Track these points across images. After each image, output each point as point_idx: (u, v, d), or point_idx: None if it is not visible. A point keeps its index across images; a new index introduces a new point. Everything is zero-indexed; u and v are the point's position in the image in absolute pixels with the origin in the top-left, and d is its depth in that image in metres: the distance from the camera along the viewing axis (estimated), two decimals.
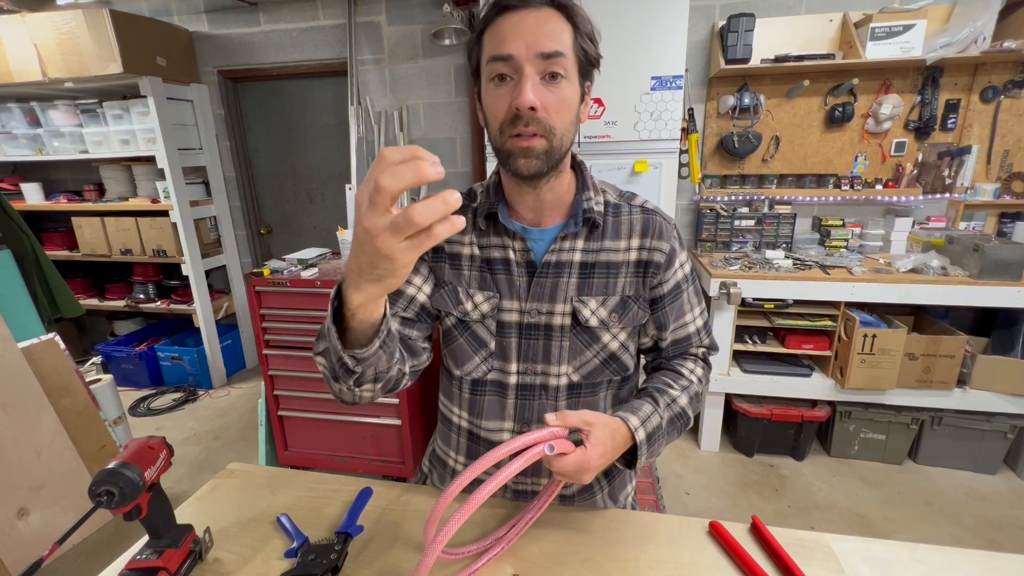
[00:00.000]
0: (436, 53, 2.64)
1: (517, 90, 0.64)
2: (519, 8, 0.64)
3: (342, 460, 2.17)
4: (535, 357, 0.78)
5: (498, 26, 0.65)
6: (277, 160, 3.13)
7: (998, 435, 2.08)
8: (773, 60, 2.17)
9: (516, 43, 0.63)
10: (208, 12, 2.83)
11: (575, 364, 0.78)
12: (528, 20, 0.64)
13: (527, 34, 0.63)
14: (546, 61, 0.64)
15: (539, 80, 0.64)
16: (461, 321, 0.80)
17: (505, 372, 0.79)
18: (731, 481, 2.15)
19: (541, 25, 0.64)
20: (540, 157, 0.66)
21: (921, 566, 0.67)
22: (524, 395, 0.80)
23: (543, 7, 0.65)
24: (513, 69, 0.64)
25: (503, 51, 0.64)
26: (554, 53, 0.63)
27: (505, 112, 0.66)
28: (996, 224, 2.29)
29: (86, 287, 3.28)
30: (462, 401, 0.84)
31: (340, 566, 0.68)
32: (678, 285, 0.79)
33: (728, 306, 2.11)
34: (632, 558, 0.70)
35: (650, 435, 0.71)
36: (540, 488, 0.83)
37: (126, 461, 0.60)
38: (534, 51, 0.63)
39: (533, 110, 0.63)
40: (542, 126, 0.65)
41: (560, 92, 0.65)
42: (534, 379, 0.79)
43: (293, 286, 1.97)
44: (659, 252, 0.76)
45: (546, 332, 0.77)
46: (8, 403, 1.65)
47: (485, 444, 0.83)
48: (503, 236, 0.77)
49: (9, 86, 2.63)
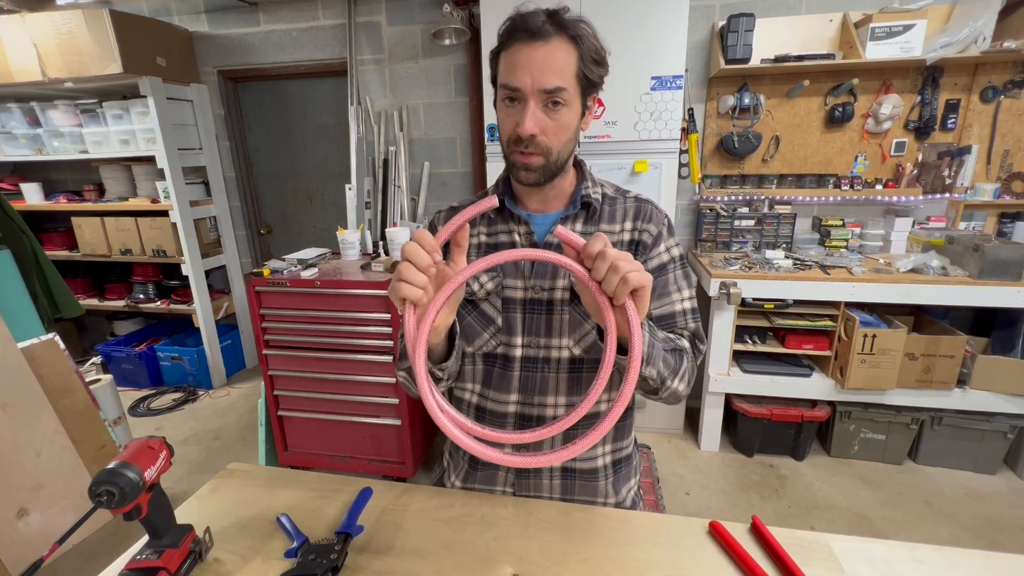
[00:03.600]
0: (436, 53, 2.64)
1: (521, 116, 0.73)
2: (531, 41, 0.71)
3: (342, 460, 2.17)
4: (538, 330, 0.84)
5: (511, 54, 0.73)
6: (277, 160, 3.13)
7: (998, 435, 2.08)
8: (773, 60, 2.17)
9: (523, 77, 0.71)
10: (208, 12, 2.83)
11: (575, 336, 0.83)
12: (536, 55, 0.71)
13: (534, 69, 0.71)
14: (547, 95, 0.72)
15: (541, 108, 0.73)
16: (469, 301, 0.86)
17: (511, 345, 0.85)
18: (731, 481, 2.16)
19: (548, 60, 0.71)
20: (538, 171, 0.77)
21: (921, 566, 0.67)
22: (528, 367, 0.85)
23: (552, 39, 0.71)
24: (519, 96, 0.73)
25: (512, 83, 0.73)
26: (555, 89, 0.72)
27: (511, 131, 0.75)
28: (996, 224, 2.29)
29: (86, 287, 3.28)
30: (475, 374, 0.89)
31: (340, 566, 0.68)
32: (663, 265, 0.84)
33: (728, 306, 2.11)
34: (632, 558, 0.70)
35: (648, 342, 0.68)
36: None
37: (126, 461, 0.60)
38: (538, 86, 0.71)
39: (533, 136, 0.73)
40: (540, 148, 0.75)
41: (559, 118, 0.74)
42: (537, 352, 0.84)
43: (293, 286, 1.97)
44: (647, 233, 0.83)
45: (548, 306, 0.83)
46: (8, 403, 1.65)
47: (491, 416, 0.88)
48: (509, 222, 0.86)
49: (9, 86, 2.63)
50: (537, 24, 0.71)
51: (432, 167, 2.81)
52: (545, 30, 0.71)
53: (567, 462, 0.87)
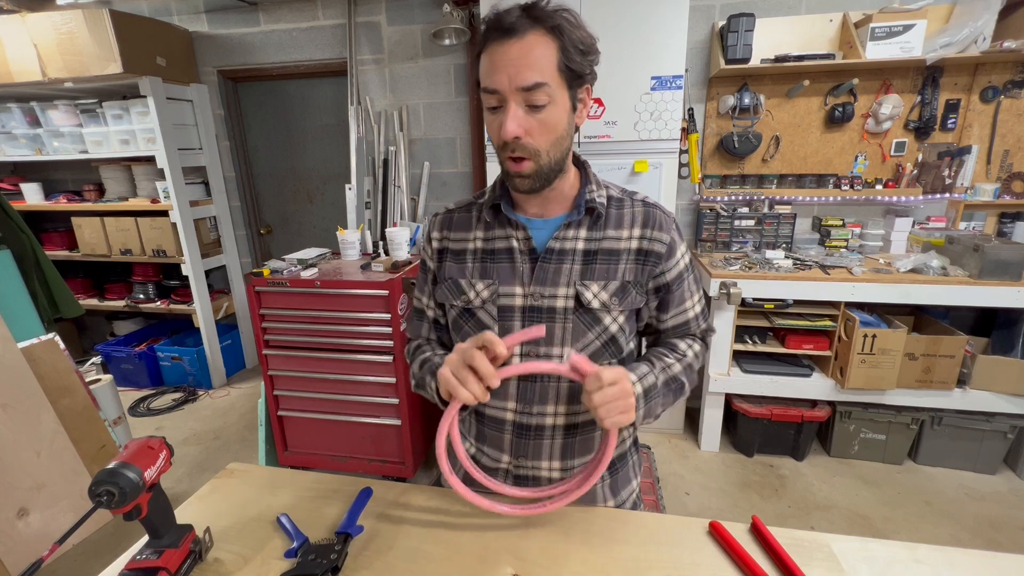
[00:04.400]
0: (436, 53, 2.64)
1: (503, 118, 0.70)
2: (505, 39, 0.68)
3: (342, 460, 2.17)
4: (537, 339, 0.80)
5: (488, 55, 0.70)
6: (277, 160, 3.13)
7: (998, 435, 2.08)
8: (773, 60, 2.17)
9: (500, 77, 0.69)
10: (208, 12, 2.83)
11: (577, 346, 0.80)
12: (512, 52, 0.68)
13: (510, 67, 0.68)
14: (527, 93, 0.69)
15: (523, 108, 0.70)
16: (466, 309, 0.84)
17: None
18: (731, 481, 2.16)
19: (524, 56, 0.68)
20: (531, 177, 0.74)
21: (921, 566, 0.67)
22: (527, 376, 0.82)
23: (527, 34, 0.68)
24: (500, 100, 0.70)
25: (490, 84, 0.70)
26: (534, 86, 0.68)
27: (497, 137, 0.73)
28: (996, 224, 2.29)
29: (86, 287, 3.28)
30: None
31: (340, 566, 0.68)
32: (680, 275, 0.83)
33: (728, 306, 2.11)
34: (632, 558, 0.70)
35: (647, 391, 0.75)
36: (540, 472, 0.85)
37: (126, 461, 0.60)
38: (516, 84, 0.68)
39: (517, 138, 0.71)
40: (527, 150, 0.72)
41: (544, 116, 0.71)
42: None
43: (293, 286, 1.97)
44: (659, 243, 0.80)
45: (548, 315, 0.80)
46: (8, 403, 1.65)
47: (490, 422, 0.86)
48: (507, 227, 0.83)
49: (9, 86, 2.63)
50: (511, 20, 0.68)
51: (432, 167, 2.81)
52: (519, 25, 0.67)
53: (567, 467, 0.86)
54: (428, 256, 0.90)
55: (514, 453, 0.85)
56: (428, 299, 0.92)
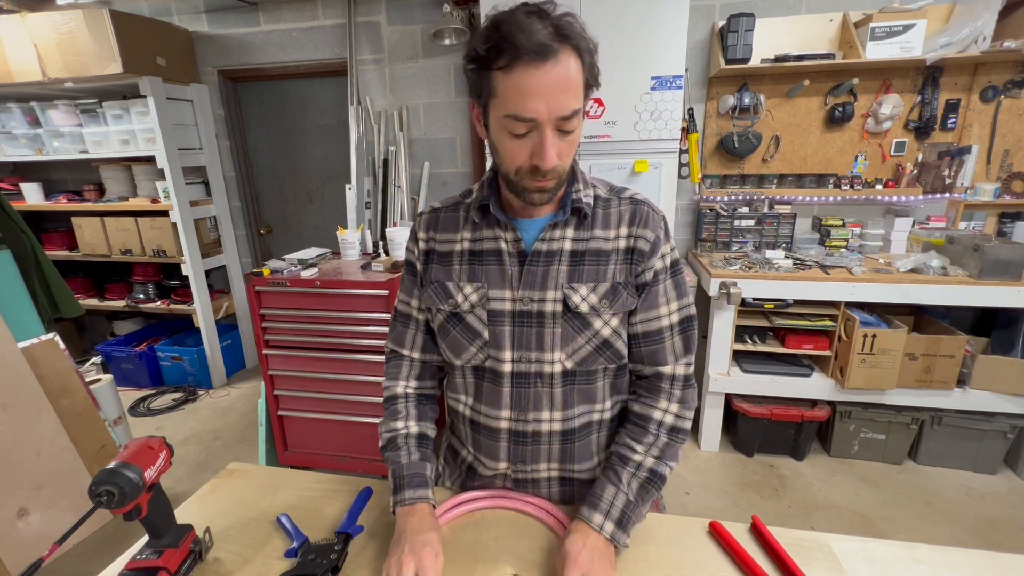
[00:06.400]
0: (436, 53, 2.64)
1: (539, 149, 0.66)
2: (539, 62, 0.62)
3: (342, 460, 2.17)
4: (528, 344, 0.79)
5: (517, 78, 0.63)
6: (277, 160, 3.13)
7: (998, 435, 2.08)
8: (773, 60, 2.17)
9: (538, 106, 0.63)
10: (208, 12, 2.83)
11: (568, 351, 0.78)
12: (548, 79, 0.62)
13: (549, 96, 0.63)
14: (564, 120, 0.65)
15: (558, 135, 0.67)
16: (453, 314, 0.82)
17: (499, 360, 0.80)
18: (731, 481, 2.15)
19: (562, 83, 0.63)
20: (552, 191, 0.72)
21: (921, 566, 0.67)
22: (520, 383, 0.80)
23: (560, 55, 0.63)
24: (530, 127, 0.66)
25: (525, 114, 0.64)
26: (572, 114, 0.65)
27: (524, 162, 0.69)
28: (996, 224, 2.29)
29: (86, 287, 3.27)
30: (466, 387, 0.86)
31: (340, 566, 0.68)
32: (656, 275, 0.79)
33: (728, 306, 2.11)
34: (632, 558, 0.70)
35: (620, 519, 0.71)
36: (539, 474, 0.85)
37: (126, 461, 0.60)
38: (556, 114, 0.64)
39: (554, 167, 0.68)
40: (557, 172, 0.70)
41: (573, 138, 0.69)
42: (528, 367, 0.79)
43: (293, 286, 1.97)
44: (644, 240, 0.77)
45: (538, 319, 0.78)
46: (8, 403, 1.65)
47: (485, 431, 0.84)
48: (495, 228, 0.80)
49: (9, 86, 2.63)
50: (541, 41, 0.61)
51: (432, 167, 2.81)
52: (552, 46, 0.62)
53: (565, 471, 0.84)
54: (415, 257, 0.86)
55: (512, 459, 0.84)
56: (416, 302, 0.88)
